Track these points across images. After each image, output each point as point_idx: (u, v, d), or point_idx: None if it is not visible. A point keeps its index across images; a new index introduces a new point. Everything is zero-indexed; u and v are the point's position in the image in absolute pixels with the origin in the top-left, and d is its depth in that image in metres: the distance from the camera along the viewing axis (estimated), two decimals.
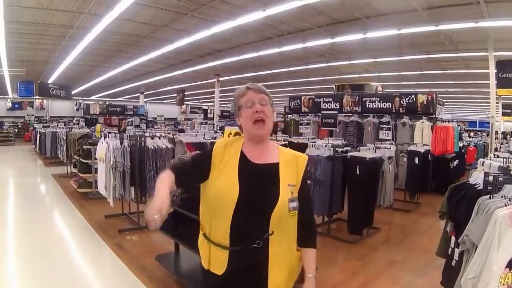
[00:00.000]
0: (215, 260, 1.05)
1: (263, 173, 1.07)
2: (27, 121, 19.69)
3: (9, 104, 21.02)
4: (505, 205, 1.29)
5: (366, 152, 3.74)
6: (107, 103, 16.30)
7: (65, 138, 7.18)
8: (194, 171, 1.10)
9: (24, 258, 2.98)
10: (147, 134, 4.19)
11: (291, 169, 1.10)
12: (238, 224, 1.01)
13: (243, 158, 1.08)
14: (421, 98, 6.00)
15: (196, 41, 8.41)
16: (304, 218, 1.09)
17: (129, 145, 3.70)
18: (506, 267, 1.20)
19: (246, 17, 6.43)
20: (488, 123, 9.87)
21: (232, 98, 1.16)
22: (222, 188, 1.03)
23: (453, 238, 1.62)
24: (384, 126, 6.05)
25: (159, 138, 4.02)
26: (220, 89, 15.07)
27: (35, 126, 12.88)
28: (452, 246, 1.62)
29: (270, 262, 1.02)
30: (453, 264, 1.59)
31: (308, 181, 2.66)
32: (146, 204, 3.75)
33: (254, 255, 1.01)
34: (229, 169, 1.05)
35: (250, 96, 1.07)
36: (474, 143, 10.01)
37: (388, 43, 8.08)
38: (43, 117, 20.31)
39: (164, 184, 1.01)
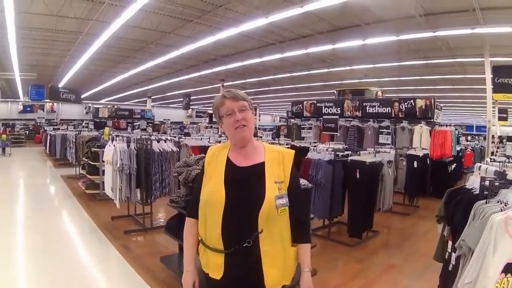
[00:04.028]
0: (213, 264, 1.08)
1: (249, 174, 1.10)
2: (38, 124, 20.11)
3: (21, 107, 21.51)
4: (501, 210, 1.30)
5: (366, 156, 3.78)
6: (116, 107, 16.56)
7: (74, 140, 7.32)
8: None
9: (32, 256, 3.05)
10: (153, 137, 4.28)
11: (277, 166, 1.11)
12: (228, 227, 1.04)
13: (229, 164, 1.12)
14: (420, 103, 6.06)
15: (201, 47, 8.57)
16: (295, 213, 1.11)
17: (136, 148, 3.77)
18: (502, 272, 1.20)
19: (249, 24, 6.54)
20: (485, 127, 9.89)
21: None
22: (209, 195, 1.08)
23: (450, 242, 1.62)
24: (384, 130, 6.12)
25: (165, 141, 4.08)
26: None
27: (45, 129, 13.24)
28: (449, 251, 1.62)
29: (263, 260, 1.05)
30: (450, 268, 1.59)
31: (310, 184, 2.74)
32: (151, 205, 3.85)
33: (247, 255, 1.03)
34: (216, 176, 1.10)
35: (229, 105, 1.09)
36: (472, 147, 10.03)
37: (387, 49, 8.19)
38: (54, 120, 20.86)
39: (189, 253, 1.18)
